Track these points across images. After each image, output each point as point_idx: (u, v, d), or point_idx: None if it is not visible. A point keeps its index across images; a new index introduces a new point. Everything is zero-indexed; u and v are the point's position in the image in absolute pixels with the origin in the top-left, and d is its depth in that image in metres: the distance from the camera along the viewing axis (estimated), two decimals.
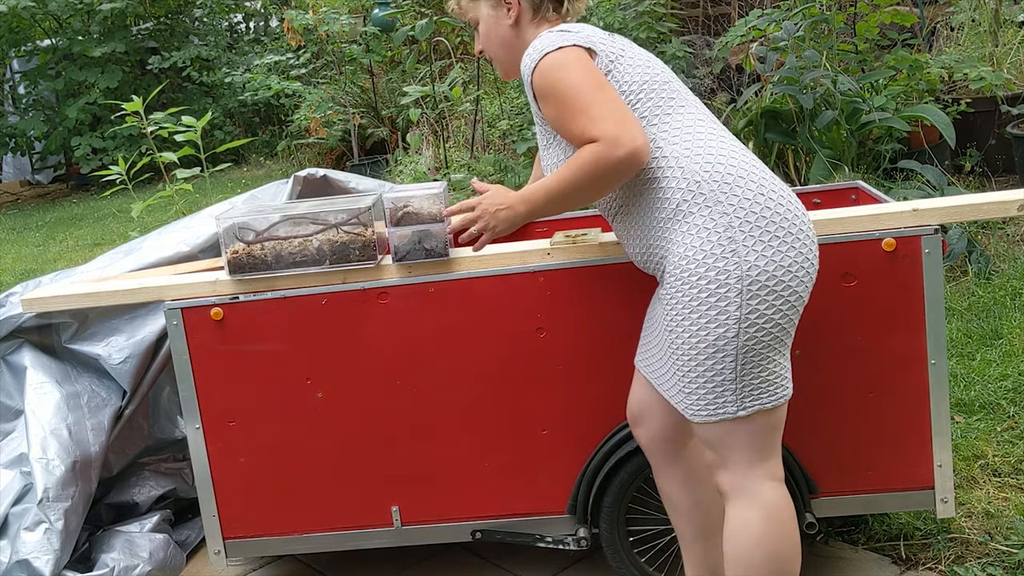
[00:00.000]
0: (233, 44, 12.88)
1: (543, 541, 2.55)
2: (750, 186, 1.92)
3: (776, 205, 1.92)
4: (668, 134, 1.99)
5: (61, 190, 12.38)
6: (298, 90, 8.39)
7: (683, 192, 1.94)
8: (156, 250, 3.24)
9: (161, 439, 3.28)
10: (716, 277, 1.89)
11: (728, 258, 1.88)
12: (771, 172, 2.01)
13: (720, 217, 1.90)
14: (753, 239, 1.89)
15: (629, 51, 2.09)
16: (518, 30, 2.19)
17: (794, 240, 1.91)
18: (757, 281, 1.88)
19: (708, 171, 1.93)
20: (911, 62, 5.27)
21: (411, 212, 2.46)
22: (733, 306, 1.89)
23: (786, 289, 1.91)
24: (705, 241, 1.90)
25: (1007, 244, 4.56)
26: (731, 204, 1.90)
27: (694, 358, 1.95)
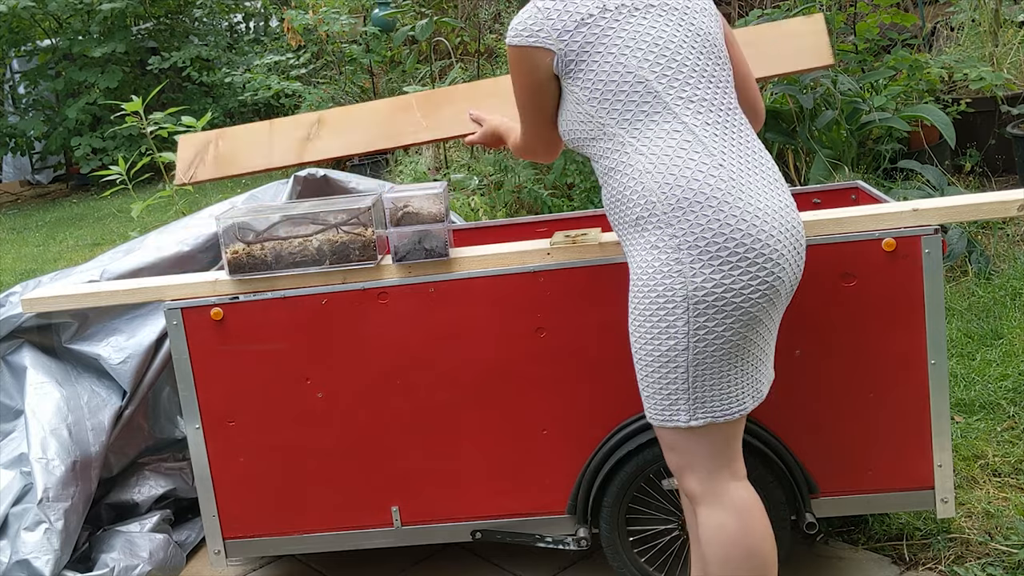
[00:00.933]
0: (233, 44, 12.88)
1: (543, 541, 2.55)
2: (705, 212, 1.89)
3: (731, 231, 1.89)
4: (637, 142, 1.97)
5: (61, 190, 12.38)
6: (298, 90, 8.38)
7: (640, 208, 1.96)
8: (156, 250, 3.25)
9: (161, 439, 3.28)
10: (664, 293, 1.92)
11: (674, 277, 1.91)
12: (753, 191, 1.94)
13: (670, 239, 1.92)
14: (701, 262, 1.89)
15: (601, 44, 1.99)
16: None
17: (749, 264, 1.89)
18: (704, 301, 1.90)
19: (665, 193, 1.92)
20: (911, 62, 5.27)
21: (411, 212, 2.46)
22: (680, 321, 1.92)
23: (736, 309, 1.91)
24: (655, 258, 1.93)
25: (1007, 244, 4.56)
26: (682, 228, 1.91)
27: (649, 364, 1.98)
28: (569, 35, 2.00)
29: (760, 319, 1.94)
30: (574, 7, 2.01)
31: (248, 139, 2.96)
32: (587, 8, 2.01)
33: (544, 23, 2.02)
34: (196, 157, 2.89)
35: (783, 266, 1.94)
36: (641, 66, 1.98)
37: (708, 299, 1.89)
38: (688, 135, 1.96)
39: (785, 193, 2.03)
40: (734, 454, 2.03)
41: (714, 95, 2.02)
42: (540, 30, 2.02)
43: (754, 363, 2.00)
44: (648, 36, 2.00)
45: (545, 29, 2.01)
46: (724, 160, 1.95)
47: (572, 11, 2.01)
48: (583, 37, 2.00)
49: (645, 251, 1.96)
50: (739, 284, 1.90)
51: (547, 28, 2.01)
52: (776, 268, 1.93)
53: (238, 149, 2.94)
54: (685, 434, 1.99)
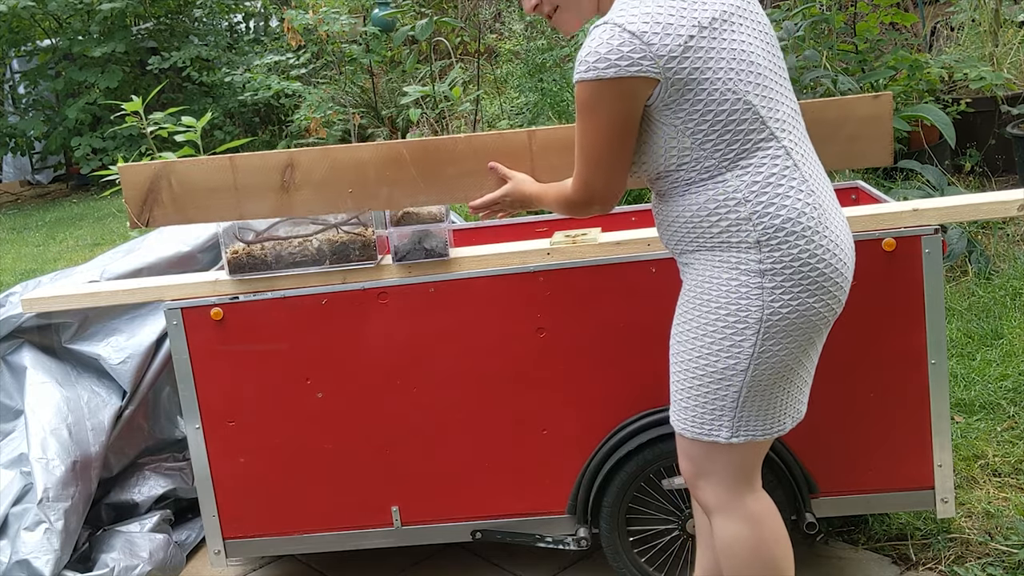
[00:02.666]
0: (233, 44, 12.87)
1: (543, 541, 2.55)
2: (798, 242, 1.85)
3: (817, 261, 1.87)
4: (738, 169, 1.85)
5: (61, 190, 12.37)
6: (298, 90, 8.38)
7: (733, 224, 1.86)
8: (156, 250, 3.25)
9: (161, 439, 3.28)
10: (737, 312, 1.86)
11: (752, 299, 1.86)
12: (833, 218, 1.91)
13: (757, 263, 1.85)
14: (782, 288, 1.85)
15: (708, 68, 1.80)
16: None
17: (824, 292, 1.89)
18: (777, 325, 1.87)
19: (763, 220, 1.84)
20: (911, 62, 5.27)
21: (411, 212, 2.46)
22: (748, 343, 1.87)
23: (803, 334, 1.90)
24: (734, 278, 1.87)
25: (1007, 244, 4.56)
26: (772, 256, 1.85)
27: (699, 378, 1.93)
28: (676, 61, 1.78)
29: (815, 341, 1.95)
30: (673, 29, 1.78)
31: (206, 178, 2.43)
32: (686, 29, 1.79)
33: (646, 49, 1.77)
34: (148, 196, 2.49)
35: (846, 290, 1.95)
36: (747, 89, 1.84)
37: (781, 324, 1.87)
38: (787, 160, 1.88)
39: (840, 209, 2.01)
40: (756, 468, 2.02)
41: (793, 105, 1.95)
42: (643, 57, 1.77)
43: (800, 384, 1.99)
44: (743, 52, 1.85)
45: (648, 56, 1.77)
46: (815, 187, 1.91)
47: (673, 33, 1.78)
48: (690, 62, 1.79)
49: (722, 269, 1.88)
50: (811, 311, 1.88)
51: (650, 55, 1.77)
52: (842, 294, 1.94)
53: (197, 190, 2.43)
54: (717, 449, 1.96)
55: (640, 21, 1.78)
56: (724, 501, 2.00)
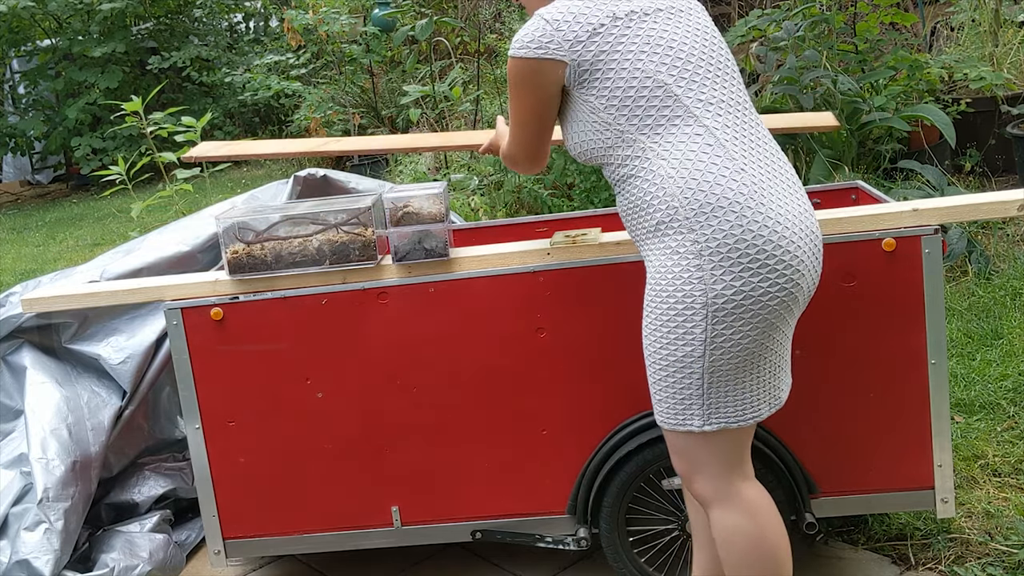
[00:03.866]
0: (233, 44, 12.88)
1: (543, 541, 2.55)
2: (728, 216, 1.88)
3: (753, 236, 1.87)
4: (659, 148, 1.94)
5: (61, 190, 12.38)
6: (298, 90, 8.39)
7: (662, 213, 1.93)
8: (156, 250, 3.25)
9: (161, 439, 3.28)
10: (683, 299, 1.90)
11: (695, 283, 1.89)
12: (775, 197, 1.93)
13: (691, 244, 1.90)
14: (722, 268, 1.88)
15: (616, 51, 1.96)
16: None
17: (769, 271, 1.89)
18: (723, 308, 1.88)
19: (687, 197, 1.90)
20: (911, 62, 5.27)
21: (411, 212, 2.46)
22: (699, 328, 1.90)
23: (755, 316, 1.90)
24: (675, 264, 1.91)
25: (1007, 244, 4.56)
26: (704, 234, 1.89)
27: (664, 369, 1.97)
28: (582, 45, 1.96)
29: (777, 326, 1.94)
30: (584, 18, 1.97)
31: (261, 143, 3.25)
32: (597, 18, 1.97)
33: (555, 35, 1.97)
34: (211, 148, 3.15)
35: (803, 272, 1.93)
36: (659, 70, 1.96)
37: (728, 307, 1.88)
38: (710, 139, 1.94)
39: (803, 196, 2.01)
40: (743, 456, 2.03)
41: (730, 95, 2.01)
42: (551, 42, 1.97)
43: (771, 370, 1.99)
44: (662, 40, 1.98)
45: (556, 40, 1.97)
46: (745, 164, 1.93)
47: (583, 21, 1.97)
48: (596, 46, 1.96)
49: (664, 256, 1.94)
50: (758, 291, 1.89)
51: (558, 39, 1.97)
52: (796, 275, 1.92)
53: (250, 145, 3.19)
54: (696, 439, 1.98)
55: (556, 11, 2.00)
56: (717, 491, 2.01)
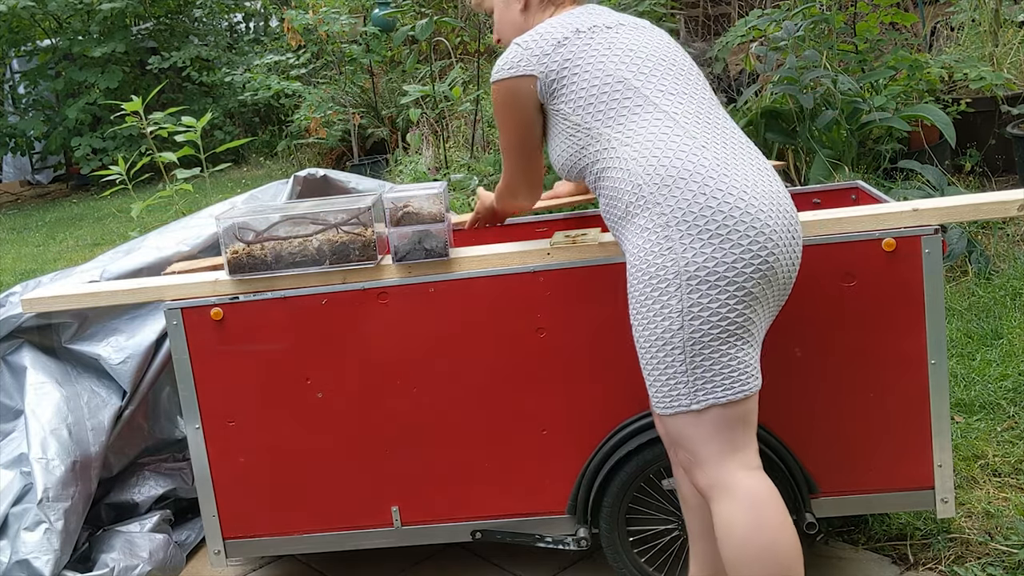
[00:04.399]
0: (233, 44, 12.88)
1: (543, 541, 2.55)
2: (690, 187, 1.93)
3: (719, 204, 1.91)
4: (623, 136, 2.04)
5: (61, 190, 12.38)
6: (298, 90, 8.39)
7: (629, 195, 2.01)
8: (156, 250, 3.25)
9: (161, 439, 3.28)
10: (656, 272, 1.94)
11: (665, 255, 1.93)
12: (740, 169, 1.97)
13: (658, 218, 1.95)
14: (691, 236, 1.91)
15: (580, 58, 2.11)
16: (527, 15, 2.32)
17: (740, 237, 1.90)
18: (696, 276, 1.91)
19: (650, 174, 1.98)
20: (911, 62, 5.27)
21: (411, 212, 2.46)
22: (674, 299, 1.92)
23: (730, 284, 1.90)
24: (646, 240, 1.97)
25: (1007, 244, 4.56)
26: (668, 205, 1.94)
27: (647, 350, 1.99)
28: (548, 57, 2.13)
29: (756, 296, 1.93)
30: (549, 34, 2.15)
31: None
32: (562, 32, 2.14)
33: (523, 53, 2.15)
34: None
35: (776, 242, 1.94)
36: (619, 68, 2.09)
37: (700, 274, 1.91)
38: (669, 121, 2.03)
39: (775, 180, 2.03)
40: (743, 441, 1.98)
41: (693, 89, 2.12)
42: (521, 60, 2.15)
43: (754, 344, 1.98)
44: (622, 45, 2.14)
45: (525, 58, 2.14)
46: (707, 143, 2.00)
47: (548, 37, 2.14)
48: (562, 56, 2.12)
49: (636, 235, 2.00)
50: (731, 258, 1.90)
51: (527, 57, 2.14)
52: (769, 243, 1.93)
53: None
54: (689, 421, 1.96)
55: (528, 37, 2.18)
56: (715, 478, 1.97)
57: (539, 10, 2.31)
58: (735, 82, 6.88)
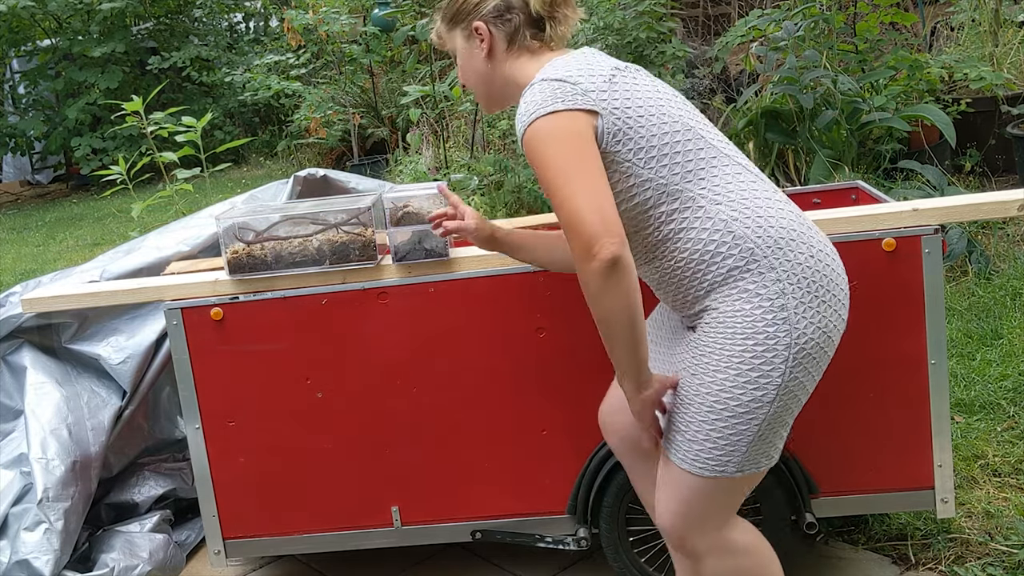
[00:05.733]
0: (233, 44, 12.87)
1: (543, 541, 2.55)
2: (800, 248, 1.83)
3: (824, 267, 1.85)
4: (711, 194, 1.84)
5: (61, 190, 12.38)
6: (298, 90, 8.38)
7: (734, 259, 1.82)
8: (156, 250, 3.25)
9: (161, 439, 3.28)
10: (765, 341, 1.79)
11: (779, 324, 1.80)
12: (809, 220, 1.92)
13: (773, 284, 1.81)
14: (804, 305, 1.81)
15: (638, 98, 1.85)
16: (493, 63, 2.01)
17: (835, 302, 1.86)
18: (804, 349, 1.81)
19: (760, 235, 1.82)
20: (911, 62, 5.27)
21: (411, 212, 2.46)
22: (777, 372, 1.80)
23: (824, 355, 1.86)
24: (757, 306, 1.80)
25: (1007, 244, 4.56)
26: (784, 270, 1.81)
27: (720, 414, 1.83)
28: (606, 94, 1.83)
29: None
30: (592, 69, 1.87)
31: None
32: (604, 69, 1.88)
33: (572, 88, 1.82)
34: None
35: (848, 300, 1.92)
36: (679, 111, 1.88)
37: (807, 347, 1.81)
38: (749, 174, 1.89)
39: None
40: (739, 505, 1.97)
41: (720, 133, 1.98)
42: (575, 94, 1.82)
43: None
44: (663, 87, 1.93)
45: (579, 93, 1.82)
46: (784, 195, 1.92)
47: (595, 74, 1.86)
48: (618, 94, 1.84)
49: (741, 301, 1.82)
50: (831, 327, 1.85)
51: (580, 92, 1.82)
52: (848, 302, 1.91)
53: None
54: (722, 485, 1.87)
55: (563, 71, 1.86)
56: (714, 542, 1.92)
57: (508, 58, 1.99)
58: (735, 82, 6.88)
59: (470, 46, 2.02)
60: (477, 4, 1.99)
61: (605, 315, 1.78)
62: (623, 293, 1.75)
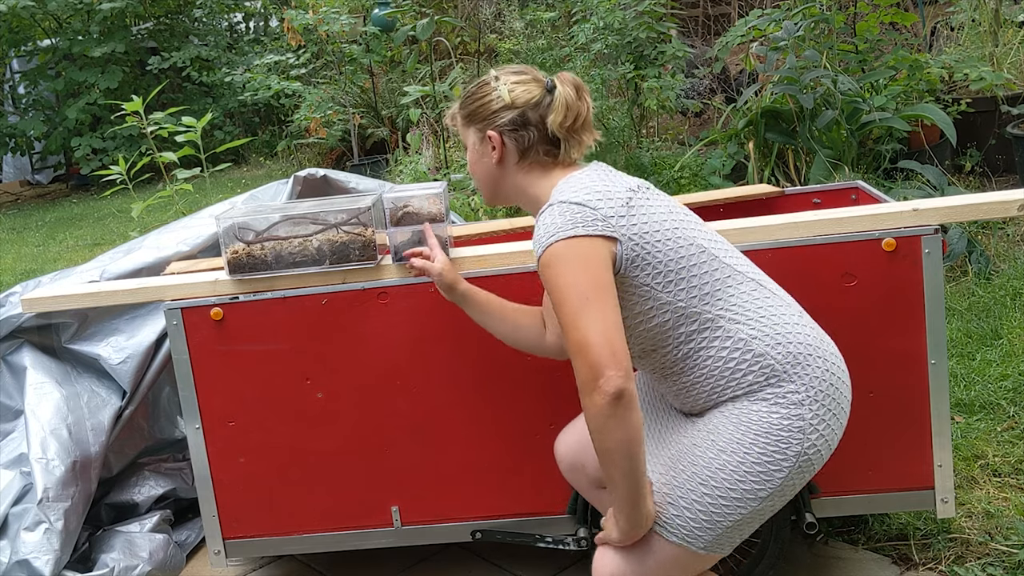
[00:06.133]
0: (233, 44, 12.88)
1: (543, 541, 2.55)
2: (817, 363, 1.88)
3: (836, 379, 1.91)
4: (729, 314, 1.88)
5: (61, 190, 12.37)
6: (298, 90, 8.39)
7: (755, 375, 1.86)
8: (156, 250, 3.25)
9: (161, 439, 3.28)
10: (777, 444, 1.84)
11: (793, 432, 1.84)
12: (820, 330, 1.96)
13: (792, 395, 1.85)
14: (818, 418, 1.86)
15: (654, 221, 1.87)
16: (503, 170, 2.02)
17: (842, 413, 1.91)
18: (810, 459, 1.86)
19: (780, 352, 1.87)
20: (911, 62, 5.27)
21: (411, 212, 2.46)
22: (781, 474, 1.84)
23: (822, 462, 1.90)
24: (775, 412, 1.85)
25: (1007, 244, 4.56)
26: (803, 383, 1.86)
27: (712, 490, 1.84)
28: (625, 219, 1.85)
29: None
30: (610, 192, 1.88)
31: None
32: (623, 193, 1.88)
33: (592, 214, 1.83)
34: None
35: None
36: (692, 232, 1.91)
37: (813, 456, 1.86)
38: (764, 291, 1.93)
39: None
40: None
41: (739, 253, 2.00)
42: (595, 219, 1.83)
43: None
44: (673, 206, 1.95)
45: (599, 219, 1.83)
46: (798, 308, 1.96)
47: (614, 196, 1.87)
48: (636, 219, 1.86)
49: (763, 405, 1.86)
50: (834, 438, 1.90)
51: (600, 217, 1.83)
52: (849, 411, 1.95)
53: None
54: (683, 555, 1.87)
55: (582, 194, 1.86)
56: None
57: (519, 170, 2.01)
58: (735, 82, 6.88)
59: (482, 148, 2.04)
60: (493, 113, 2.00)
61: (607, 447, 1.77)
62: (626, 427, 1.74)
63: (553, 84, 1.99)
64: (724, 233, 2.40)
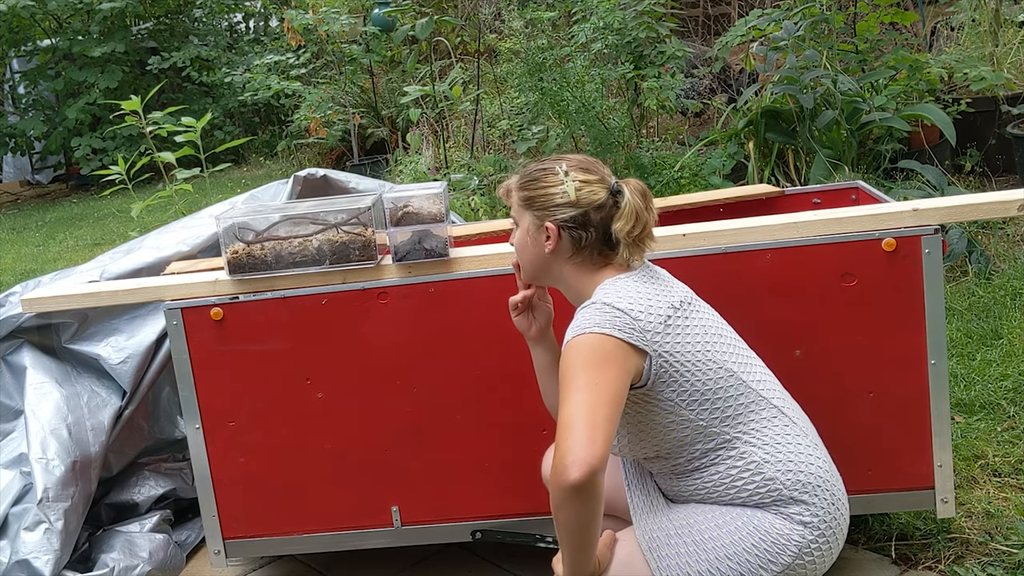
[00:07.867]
0: (233, 44, 12.88)
1: (543, 541, 2.55)
2: (825, 496, 1.95)
3: (840, 517, 1.97)
4: (747, 437, 1.94)
5: (61, 190, 12.37)
6: (298, 90, 8.39)
7: (761, 496, 1.93)
8: (156, 250, 3.25)
9: (161, 439, 3.28)
10: (773, 546, 1.91)
11: (791, 542, 1.91)
12: (832, 466, 2.02)
13: (795, 515, 1.92)
14: (816, 544, 1.92)
15: (687, 342, 1.92)
16: (553, 260, 2.03)
17: (837, 549, 1.97)
18: (797, 572, 1.92)
19: (789, 478, 1.93)
20: (911, 62, 5.27)
21: (411, 212, 2.46)
22: (766, 573, 1.91)
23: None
24: (775, 519, 1.92)
25: (1007, 244, 4.56)
26: (810, 506, 1.93)
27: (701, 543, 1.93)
28: (660, 336, 1.89)
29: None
30: (654, 309, 1.91)
31: None
32: (663, 309, 1.92)
33: (633, 323, 1.87)
34: None
35: None
36: (725, 357, 1.95)
37: (800, 572, 1.92)
38: (784, 420, 1.99)
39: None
40: None
41: (766, 368, 2.06)
42: (633, 329, 1.87)
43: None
44: (711, 326, 1.99)
45: (638, 330, 1.87)
46: (814, 440, 2.02)
47: (655, 312, 1.91)
48: (671, 337, 1.91)
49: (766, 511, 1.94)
50: (824, 568, 1.95)
51: (639, 329, 1.87)
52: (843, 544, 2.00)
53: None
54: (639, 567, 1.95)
55: (626, 302, 1.90)
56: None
57: (570, 263, 2.02)
58: (735, 82, 6.88)
59: (537, 235, 2.03)
60: (556, 206, 1.99)
61: (557, 518, 1.78)
62: (578, 514, 1.75)
63: (619, 188, 1.99)
64: (724, 233, 2.40)
